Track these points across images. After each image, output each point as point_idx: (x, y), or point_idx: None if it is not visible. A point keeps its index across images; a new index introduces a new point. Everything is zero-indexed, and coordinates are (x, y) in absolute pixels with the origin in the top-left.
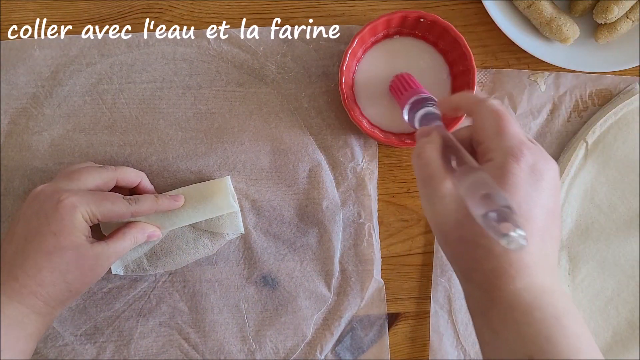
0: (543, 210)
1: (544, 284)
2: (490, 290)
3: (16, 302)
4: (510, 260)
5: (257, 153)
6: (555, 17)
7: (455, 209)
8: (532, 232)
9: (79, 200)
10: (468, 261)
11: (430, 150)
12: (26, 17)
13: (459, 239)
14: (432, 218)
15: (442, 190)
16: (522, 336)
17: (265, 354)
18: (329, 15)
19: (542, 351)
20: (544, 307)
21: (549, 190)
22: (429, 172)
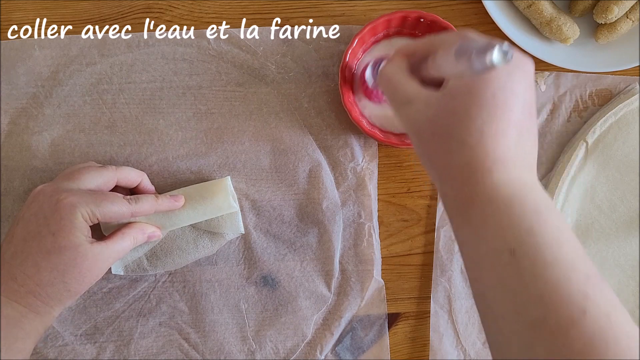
0: (519, 101)
1: (522, 178)
2: (467, 186)
3: (14, 301)
4: (485, 151)
5: (257, 153)
6: (555, 17)
7: (426, 106)
8: (508, 123)
9: (78, 200)
10: (442, 157)
11: (391, 65)
12: (26, 17)
13: (432, 135)
14: (406, 122)
15: (409, 92)
16: (502, 230)
17: (265, 354)
18: (329, 15)
19: (524, 243)
20: (523, 201)
21: (525, 81)
22: (394, 82)
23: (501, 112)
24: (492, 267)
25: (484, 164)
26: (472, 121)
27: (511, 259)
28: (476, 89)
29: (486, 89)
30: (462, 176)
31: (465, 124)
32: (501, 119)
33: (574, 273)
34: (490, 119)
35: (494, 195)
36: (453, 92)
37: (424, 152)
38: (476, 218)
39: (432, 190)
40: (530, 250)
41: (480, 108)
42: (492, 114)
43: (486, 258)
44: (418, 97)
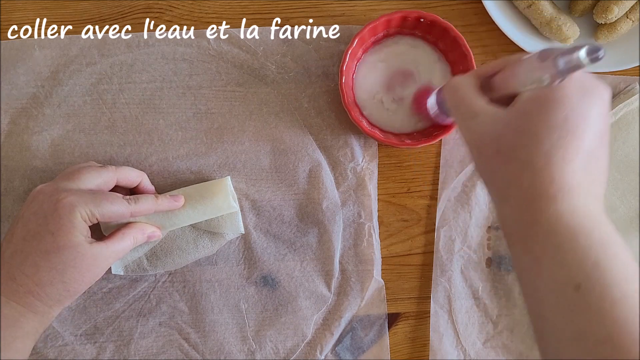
0: (591, 130)
1: (588, 208)
2: (529, 212)
3: (13, 301)
4: (551, 176)
5: (257, 153)
6: (555, 17)
7: (492, 122)
8: (577, 149)
9: (78, 200)
10: (505, 177)
11: (461, 77)
12: (26, 17)
13: (495, 152)
14: (469, 137)
15: (476, 107)
16: (566, 262)
17: (265, 354)
18: (329, 15)
19: (590, 278)
20: (589, 232)
21: (599, 109)
22: (461, 93)
23: (571, 137)
24: (555, 302)
25: (549, 190)
26: (541, 143)
27: (576, 294)
28: (547, 109)
29: (559, 110)
30: (524, 200)
31: (533, 145)
32: (571, 144)
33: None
34: (559, 143)
35: (558, 224)
36: (522, 110)
37: (485, 169)
38: (538, 247)
39: (432, 190)
40: (596, 286)
41: (550, 130)
42: (562, 138)
43: (548, 291)
44: (485, 112)
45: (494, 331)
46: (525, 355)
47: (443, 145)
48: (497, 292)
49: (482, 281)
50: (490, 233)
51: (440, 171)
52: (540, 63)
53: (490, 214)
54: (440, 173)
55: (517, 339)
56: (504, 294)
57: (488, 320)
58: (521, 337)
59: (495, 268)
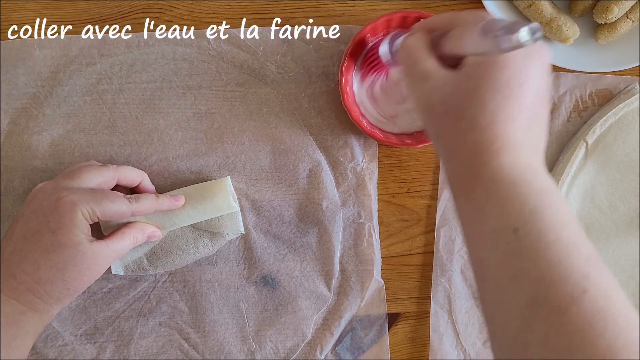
0: (533, 89)
1: (529, 162)
2: (474, 166)
3: (13, 299)
4: (495, 133)
5: (257, 153)
6: (555, 17)
7: (441, 84)
8: (520, 108)
9: (79, 198)
10: (452, 135)
11: (412, 38)
12: (26, 17)
13: (444, 112)
14: (419, 99)
15: (427, 69)
16: (506, 209)
17: (265, 354)
18: (329, 15)
19: (527, 223)
20: (528, 182)
21: (540, 69)
22: (413, 56)
23: (515, 97)
24: (493, 246)
25: (493, 146)
26: (486, 104)
27: (513, 237)
28: (492, 72)
29: (502, 72)
30: (470, 156)
31: (479, 105)
32: (514, 104)
33: (576, 253)
34: (504, 103)
35: (500, 175)
36: (469, 74)
37: (434, 129)
38: (481, 197)
39: (432, 190)
40: (533, 230)
41: (494, 91)
42: (506, 98)
43: (488, 237)
44: (435, 74)
45: None
46: None
47: None
48: None
49: None
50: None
51: (440, 171)
52: (483, 38)
53: None
54: (440, 173)
55: None
56: None
57: None
58: None
59: None
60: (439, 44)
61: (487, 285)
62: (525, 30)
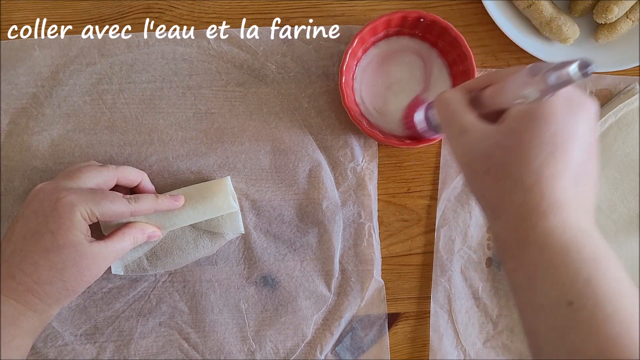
0: (580, 144)
1: (579, 224)
2: (521, 229)
3: (12, 299)
4: (542, 193)
5: (257, 153)
6: (555, 17)
7: (482, 139)
8: (566, 165)
9: (78, 198)
10: (496, 195)
11: (451, 92)
12: (26, 17)
13: (486, 170)
14: (459, 153)
15: (466, 123)
16: (558, 279)
17: (265, 354)
18: (329, 15)
19: (581, 296)
20: (580, 248)
21: (587, 123)
22: (452, 109)
23: (560, 153)
24: (547, 319)
25: (539, 207)
26: (530, 161)
27: (568, 311)
28: (536, 126)
29: (547, 127)
30: (515, 217)
31: (523, 163)
32: (560, 161)
33: (634, 326)
34: (549, 159)
35: (550, 241)
36: (511, 127)
37: (476, 186)
38: (530, 264)
39: (432, 190)
40: (588, 303)
41: (539, 147)
42: (551, 154)
43: (541, 308)
44: (475, 128)
45: (494, 331)
46: (525, 355)
47: (443, 145)
48: (497, 292)
49: (482, 281)
50: (491, 233)
51: (440, 171)
52: (531, 78)
53: None
54: (440, 173)
55: (517, 339)
56: (504, 294)
57: (488, 320)
58: (521, 337)
59: (495, 268)
60: (478, 100)
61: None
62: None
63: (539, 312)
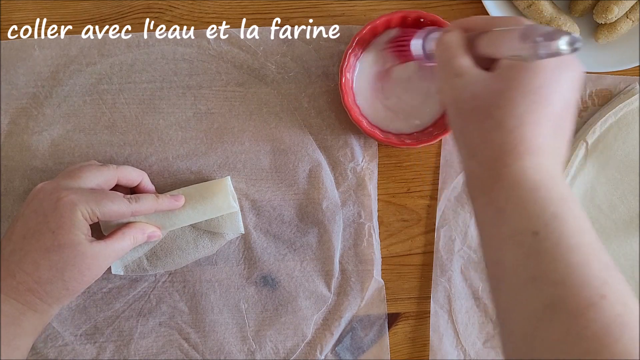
0: (562, 99)
1: (552, 167)
2: (497, 167)
3: (13, 299)
4: (521, 136)
5: (257, 153)
6: (555, 17)
7: (474, 82)
8: (547, 115)
9: (79, 198)
10: (477, 133)
11: (450, 35)
12: (26, 17)
13: (472, 109)
14: (449, 92)
15: (462, 66)
16: (527, 212)
17: (265, 354)
18: (329, 15)
19: (548, 226)
20: (550, 187)
21: (571, 82)
22: (450, 52)
23: (544, 104)
24: (512, 248)
25: (517, 148)
26: (515, 106)
27: (533, 240)
28: (525, 77)
29: (534, 78)
30: (493, 155)
31: (508, 107)
32: (542, 110)
33: (595, 260)
34: (533, 107)
35: (523, 178)
36: (502, 75)
37: (459, 125)
38: (501, 198)
39: (432, 190)
40: (554, 234)
41: (524, 95)
42: (535, 103)
43: (507, 239)
44: (469, 72)
45: (494, 331)
46: None
47: (443, 145)
48: None
49: (482, 281)
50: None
51: (440, 171)
52: (522, 42)
53: None
54: (440, 173)
55: None
56: None
57: (488, 320)
58: None
59: None
60: (474, 44)
61: (504, 287)
62: (565, 39)
63: (504, 242)
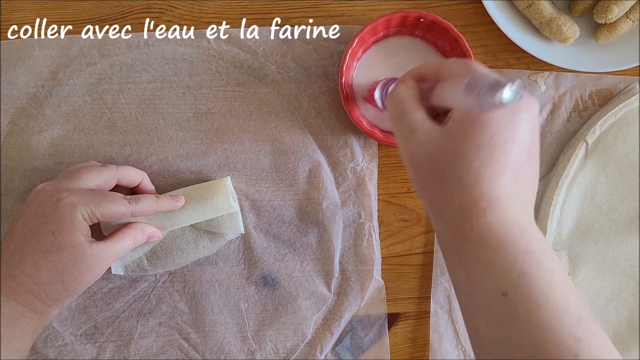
0: (518, 145)
1: (516, 219)
2: (461, 226)
3: (12, 300)
4: (481, 192)
5: (257, 153)
6: (555, 17)
7: (427, 141)
8: (504, 165)
9: (79, 199)
10: (438, 195)
11: (402, 87)
12: (26, 17)
13: (429, 171)
14: (405, 152)
15: (414, 123)
16: (494, 272)
17: (265, 354)
18: (329, 15)
19: (516, 286)
20: (516, 241)
21: (526, 124)
22: (402, 107)
23: (498, 154)
24: (486, 314)
25: (479, 205)
26: (470, 162)
27: (503, 302)
28: (475, 130)
29: (485, 130)
30: (456, 216)
31: (463, 164)
32: (498, 161)
33: (566, 316)
34: (487, 160)
35: (487, 236)
36: (452, 131)
37: (420, 186)
38: (469, 259)
39: None
40: (522, 293)
41: (478, 149)
42: (490, 156)
43: (480, 304)
44: (422, 128)
45: None
46: None
47: None
48: None
49: None
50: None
51: None
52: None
53: None
54: None
55: None
56: None
57: None
58: None
59: None
60: (427, 95)
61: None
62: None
63: (478, 308)
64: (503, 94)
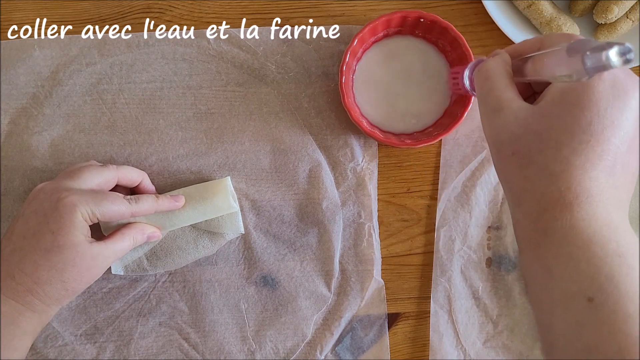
0: (620, 133)
1: (607, 216)
2: (543, 219)
3: (12, 299)
4: (568, 183)
5: (257, 153)
6: (555, 17)
7: (513, 120)
8: (600, 155)
9: (79, 199)
10: (519, 181)
11: (493, 62)
12: (26, 17)
13: (511, 154)
14: (489, 132)
15: (502, 100)
16: (579, 275)
17: (265, 354)
18: (329, 15)
19: (603, 291)
20: (605, 242)
21: (631, 112)
22: (490, 83)
23: (595, 142)
24: (564, 314)
25: (565, 197)
26: (559, 148)
27: (587, 307)
28: (571, 113)
29: (583, 114)
30: (538, 206)
31: (551, 150)
32: (593, 150)
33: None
34: (581, 148)
35: (572, 234)
36: (545, 112)
37: (501, 169)
38: (550, 256)
39: (432, 190)
40: (610, 300)
41: (572, 136)
42: (584, 143)
43: (558, 303)
44: (510, 106)
45: (494, 331)
46: (525, 355)
47: (443, 145)
48: (497, 292)
49: (482, 281)
50: (490, 233)
51: (440, 171)
52: (568, 58)
53: (490, 214)
54: (440, 173)
55: (517, 339)
56: (504, 294)
57: (488, 320)
58: (521, 337)
59: (495, 268)
60: (522, 70)
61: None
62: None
63: (555, 306)
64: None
